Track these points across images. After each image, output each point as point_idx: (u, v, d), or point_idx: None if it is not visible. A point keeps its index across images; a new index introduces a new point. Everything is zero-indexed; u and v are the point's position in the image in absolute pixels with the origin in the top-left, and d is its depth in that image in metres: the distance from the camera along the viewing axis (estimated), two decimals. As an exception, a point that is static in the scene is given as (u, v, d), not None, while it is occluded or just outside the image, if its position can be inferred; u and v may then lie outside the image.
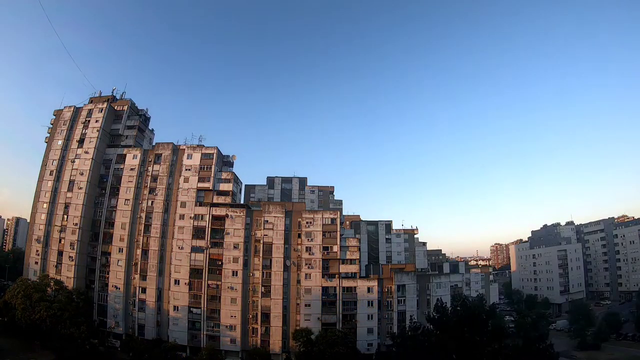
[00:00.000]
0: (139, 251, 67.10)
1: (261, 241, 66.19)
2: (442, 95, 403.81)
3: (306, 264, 65.54)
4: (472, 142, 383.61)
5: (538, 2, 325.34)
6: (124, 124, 75.14)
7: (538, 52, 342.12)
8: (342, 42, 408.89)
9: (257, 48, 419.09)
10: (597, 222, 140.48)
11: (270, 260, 65.36)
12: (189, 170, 69.42)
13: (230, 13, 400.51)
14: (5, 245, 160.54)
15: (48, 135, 75.44)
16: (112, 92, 78.32)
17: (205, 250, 65.22)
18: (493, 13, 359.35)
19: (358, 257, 70.05)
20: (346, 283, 65.46)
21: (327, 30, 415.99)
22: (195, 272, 64.74)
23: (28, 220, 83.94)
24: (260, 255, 65.63)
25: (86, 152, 70.67)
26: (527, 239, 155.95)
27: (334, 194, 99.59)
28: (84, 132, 72.52)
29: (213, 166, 69.23)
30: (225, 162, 74.61)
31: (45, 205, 70.42)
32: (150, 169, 70.49)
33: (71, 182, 69.90)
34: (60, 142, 73.16)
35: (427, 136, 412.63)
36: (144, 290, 65.36)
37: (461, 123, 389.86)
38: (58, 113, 76.18)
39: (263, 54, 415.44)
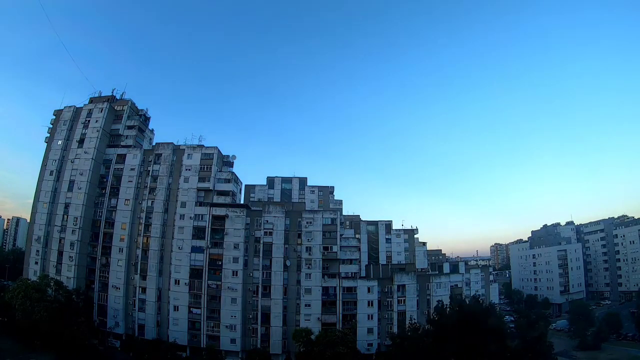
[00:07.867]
0: (139, 251, 67.19)
1: (261, 241, 66.28)
2: (443, 95, 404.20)
3: (306, 264, 65.62)
4: (472, 142, 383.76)
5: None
6: (124, 124, 75.14)
7: (538, 51, 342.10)
8: (343, 42, 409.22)
9: (257, 47, 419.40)
10: (597, 222, 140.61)
11: (270, 260, 65.46)
12: (189, 170, 69.44)
13: (230, 13, 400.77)
14: (5, 245, 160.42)
15: (48, 135, 75.48)
16: (112, 92, 78.24)
17: (205, 250, 65.24)
18: (494, 11, 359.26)
19: (358, 257, 70.19)
20: (346, 283, 65.53)
21: (329, 29, 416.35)
22: (195, 272, 64.74)
23: (28, 220, 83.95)
24: (260, 255, 65.71)
25: (86, 152, 70.68)
26: (527, 239, 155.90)
27: (334, 194, 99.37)
28: (84, 132, 72.55)
29: (213, 166, 69.26)
30: (225, 162, 74.55)
31: (45, 205, 70.41)
32: (150, 169, 70.55)
33: (71, 182, 69.91)
34: (60, 142, 73.16)
35: (427, 136, 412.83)
36: (144, 290, 65.41)
37: (461, 123, 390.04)
38: (58, 113, 76.20)
39: (263, 53, 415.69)
